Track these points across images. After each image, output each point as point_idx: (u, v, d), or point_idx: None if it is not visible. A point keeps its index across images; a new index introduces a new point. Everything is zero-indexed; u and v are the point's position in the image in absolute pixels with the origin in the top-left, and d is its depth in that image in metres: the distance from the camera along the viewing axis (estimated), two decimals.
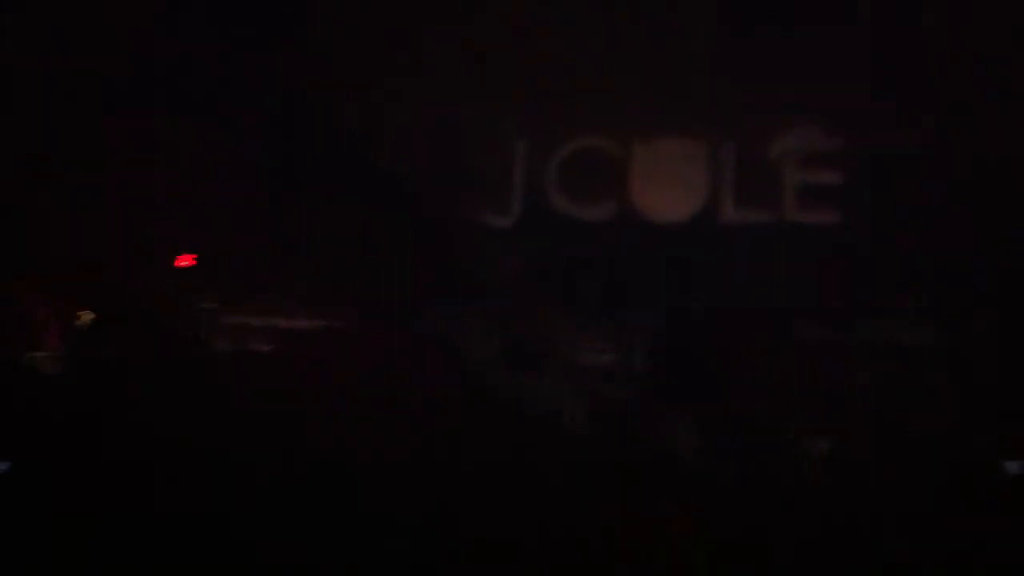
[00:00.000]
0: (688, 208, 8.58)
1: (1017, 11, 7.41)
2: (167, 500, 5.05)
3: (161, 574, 4.50)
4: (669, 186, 8.64)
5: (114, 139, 8.20)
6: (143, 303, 7.90)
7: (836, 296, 7.58)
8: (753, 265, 8.05)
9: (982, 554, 4.02)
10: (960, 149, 7.57)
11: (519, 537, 4.09)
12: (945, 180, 7.57)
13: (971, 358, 6.89)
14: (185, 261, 8.26)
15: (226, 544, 4.50)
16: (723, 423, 6.16)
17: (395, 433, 5.38)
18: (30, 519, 5.04)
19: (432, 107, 8.57)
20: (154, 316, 7.78)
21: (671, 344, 7.45)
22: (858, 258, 7.72)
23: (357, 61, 8.64)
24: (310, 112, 8.48)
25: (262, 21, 8.52)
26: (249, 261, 8.27)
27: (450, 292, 8.21)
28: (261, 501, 4.94)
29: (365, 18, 8.68)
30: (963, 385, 6.49)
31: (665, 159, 8.66)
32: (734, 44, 8.15)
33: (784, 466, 5.43)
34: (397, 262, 8.13)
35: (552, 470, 5.31)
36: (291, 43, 8.60)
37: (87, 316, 7.66)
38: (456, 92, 8.57)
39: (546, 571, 4.03)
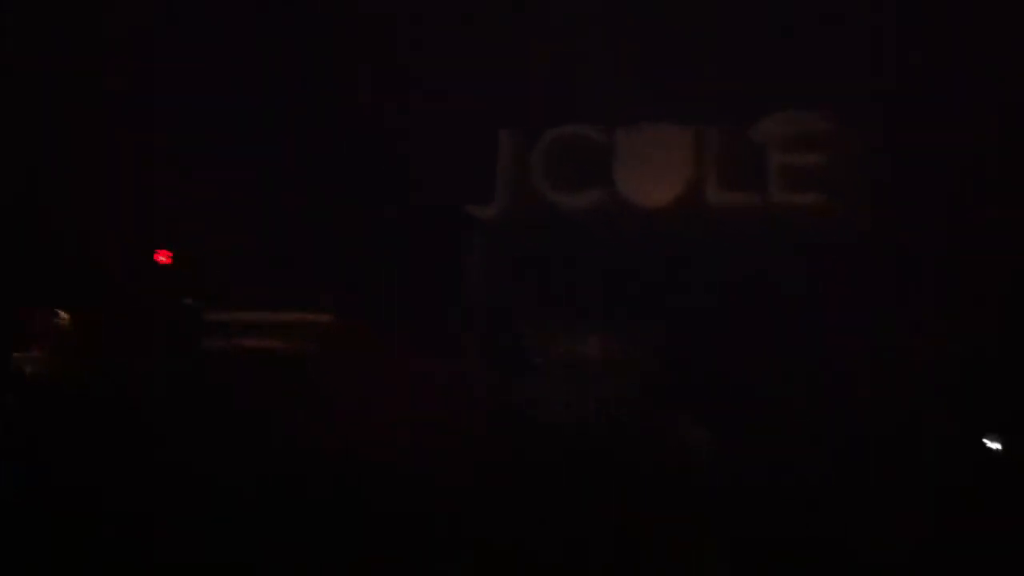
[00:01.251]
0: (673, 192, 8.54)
1: None
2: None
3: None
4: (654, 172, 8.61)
5: (93, 138, 8.08)
6: (126, 301, 7.81)
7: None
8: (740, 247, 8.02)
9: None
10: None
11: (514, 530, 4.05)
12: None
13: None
14: (162, 258, 8.14)
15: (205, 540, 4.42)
16: (715, 408, 6.12)
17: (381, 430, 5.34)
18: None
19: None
20: (137, 313, 7.70)
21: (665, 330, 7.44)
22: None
23: (339, 50, 8.57)
24: (290, 102, 8.39)
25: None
26: (230, 254, 8.16)
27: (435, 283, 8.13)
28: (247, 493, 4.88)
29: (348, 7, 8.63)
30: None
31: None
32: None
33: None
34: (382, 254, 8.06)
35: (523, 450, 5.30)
36: (274, 35, 8.52)
37: (64, 316, 7.57)
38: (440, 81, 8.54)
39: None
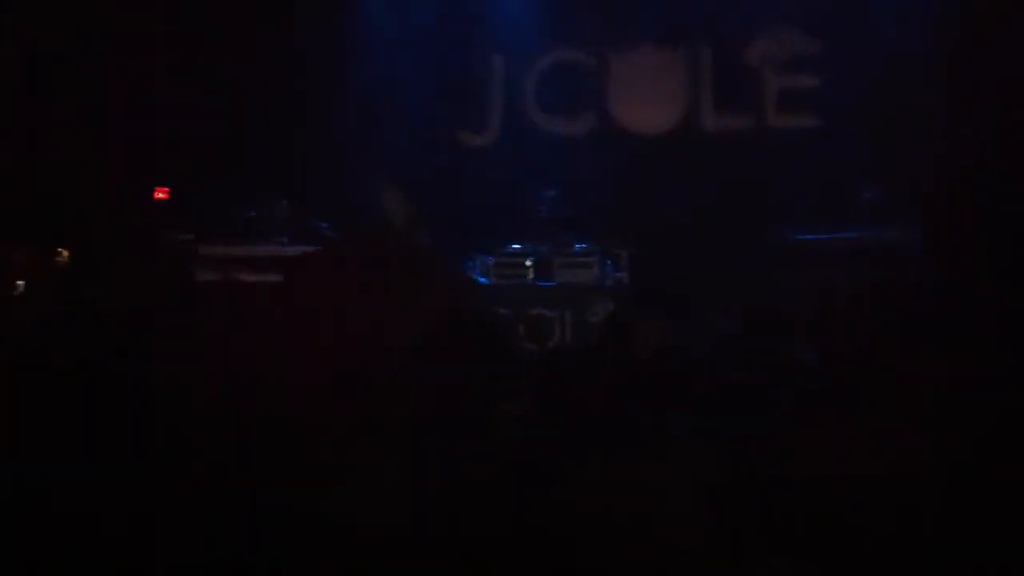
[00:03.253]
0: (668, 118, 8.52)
1: None
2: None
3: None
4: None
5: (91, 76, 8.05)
6: (122, 238, 7.85)
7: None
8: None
9: None
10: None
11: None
12: None
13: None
14: (160, 194, 8.16)
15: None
16: (704, 328, 6.12)
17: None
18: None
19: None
20: (132, 250, 7.72)
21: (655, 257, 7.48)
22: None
23: None
24: (277, 37, 8.35)
25: None
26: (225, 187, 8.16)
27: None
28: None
29: None
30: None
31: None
32: None
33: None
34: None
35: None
36: None
37: (64, 254, 7.61)
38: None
39: None
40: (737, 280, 6.67)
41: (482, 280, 7.58)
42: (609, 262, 7.61)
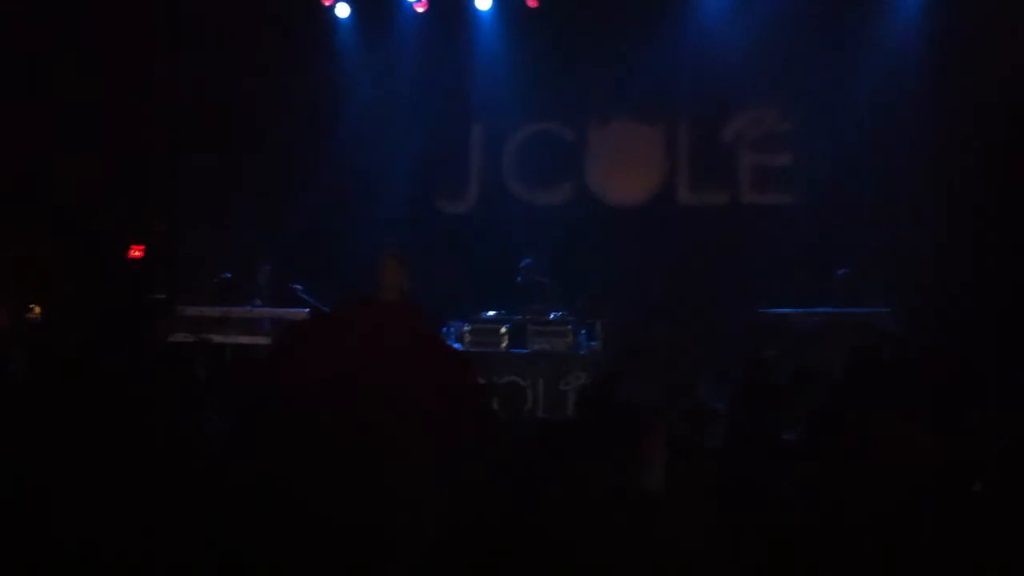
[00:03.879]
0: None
1: None
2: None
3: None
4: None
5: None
6: (97, 294, 7.79)
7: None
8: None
9: None
10: None
11: None
12: None
13: None
14: (135, 252, 8.12)
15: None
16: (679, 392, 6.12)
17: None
18: None
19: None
20: (107, 306, 7.66)
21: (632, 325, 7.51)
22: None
23: (310, 46, 8.62)
24: (258, 94, 8.42)
25: None
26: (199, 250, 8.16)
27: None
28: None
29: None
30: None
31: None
32: None
33: None
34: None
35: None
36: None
37: (37, 309, 7.55)
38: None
39: None
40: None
41: (456, 346, 7.52)
42: (583, 331, 7.60)
